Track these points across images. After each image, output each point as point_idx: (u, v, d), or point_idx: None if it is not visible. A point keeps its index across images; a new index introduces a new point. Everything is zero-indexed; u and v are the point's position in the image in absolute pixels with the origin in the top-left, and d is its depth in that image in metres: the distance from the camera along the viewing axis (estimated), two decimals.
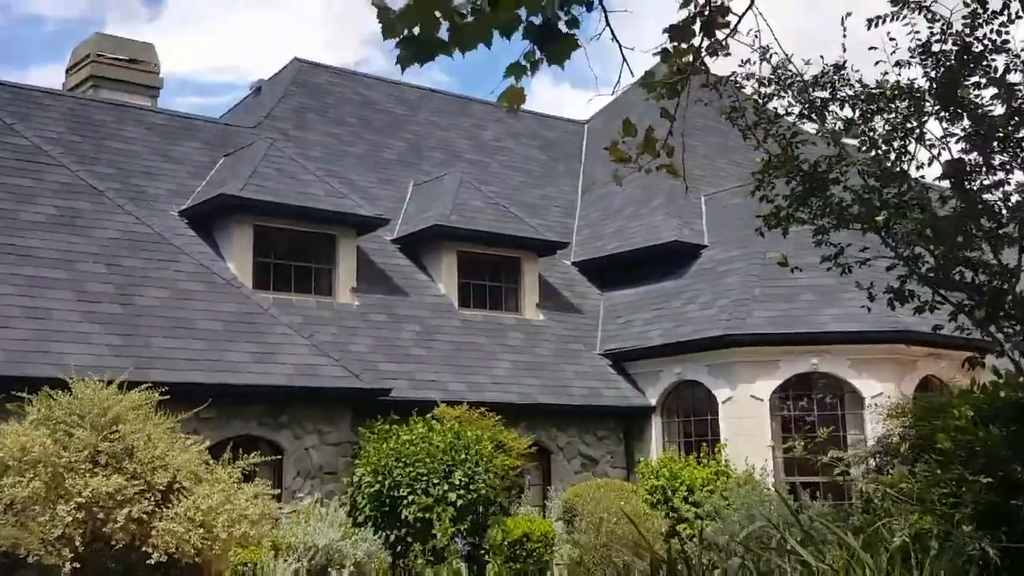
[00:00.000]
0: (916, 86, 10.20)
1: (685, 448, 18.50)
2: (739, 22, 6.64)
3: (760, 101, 10.77)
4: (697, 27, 6.82)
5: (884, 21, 9.72)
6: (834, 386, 18.11)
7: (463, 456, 14.65)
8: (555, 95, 60.27)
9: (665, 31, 6.82)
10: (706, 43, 6.87)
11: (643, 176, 23.55)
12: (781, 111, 10.81)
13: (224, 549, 11.36)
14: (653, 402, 19.43)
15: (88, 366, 12.63)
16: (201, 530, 11.14)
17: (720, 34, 6.70)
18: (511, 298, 20.29)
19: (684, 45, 6.89)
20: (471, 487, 14.52)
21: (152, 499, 11.16)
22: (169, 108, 20.05)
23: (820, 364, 17.97)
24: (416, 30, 5.76)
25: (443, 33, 5.74)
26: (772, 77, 10.60)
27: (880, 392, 17.71)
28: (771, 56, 10.53)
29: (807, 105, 10.55)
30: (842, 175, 10.79)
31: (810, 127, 10.87)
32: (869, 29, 9.73)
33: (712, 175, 23.69)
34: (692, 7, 6.72)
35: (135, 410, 11.71)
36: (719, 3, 6.61)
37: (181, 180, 18.41)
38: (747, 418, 18.11)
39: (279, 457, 14.55)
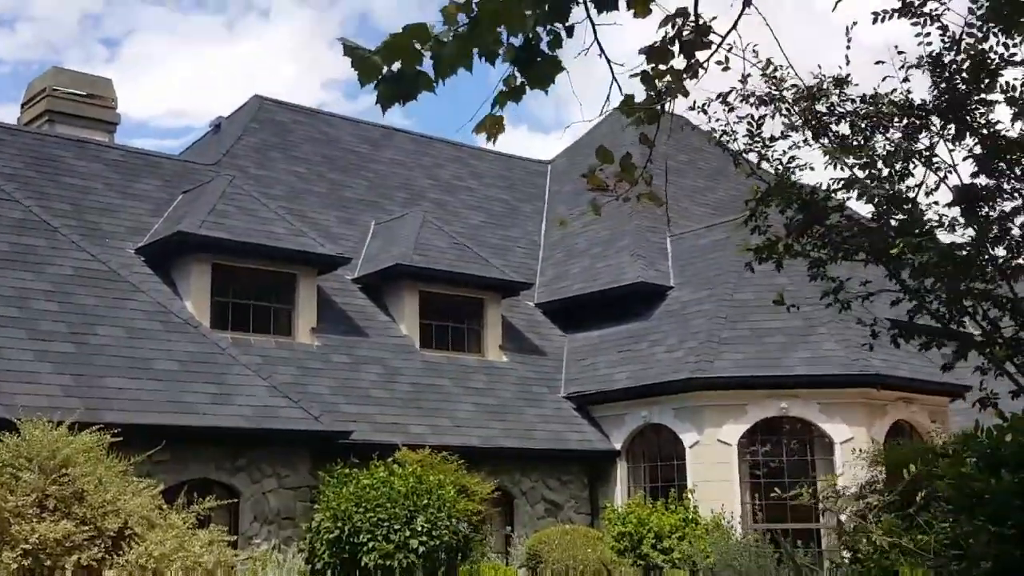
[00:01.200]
0: (921, 101, 9.69)
1: (651, 493, 18.18)
2: (722, 42, 6.43)
3: (755, 122, 10.40)
4: (676, 48, 6.60)
5: (891, 17, 9.23)
6: (803, 431, 17.89)
7: (425, 501, 14.25)
8: (512, 139, 60.34)
9: (642, 52, 6.59)
10: (685, 65, 6.65)
11: (608, 216, 23.45)
12: (777, 133, 10.30)
13: None
14: (618, 446, 19.13)
15: (38, 407, 12.15)
16: None
17: (702, 55, 6.49)
18: (474, 340, 19.97)
19: (663, 67, 6.66)
20: (434, 533, 14.11)
21: (102, 545, 10.67)
22: (127, 144, 19.66)
23: (790, 408, 17.75)
24: (396, 66, 5.49)
25: (425, 66, 5.48)
26: (770, 92, 10.05)
27: (851, 437, 17.53)
28: (769, 68, 10.03)
29: (812, 121, 9.92)
30: (846, 201, 10.25)
31: (806, 150, 10.33)
32: (875, 23, 9.23)
33: (678, 216, 23.50)
34: (670, 27, 6.49)
35: (86, 452, 11.22)
36: (700, 23, 6.40)
37: (138, 217, 18.00)
38: (715, 463, 17.83)
39: (235, 501, 14.09)
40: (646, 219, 22.71)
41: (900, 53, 9.54)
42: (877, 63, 9.62)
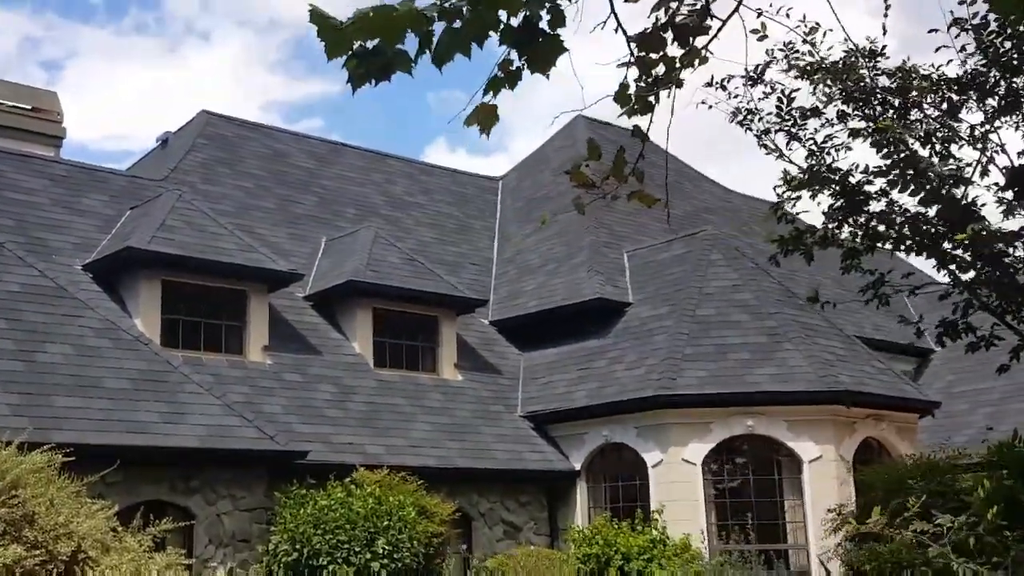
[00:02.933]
0: (964, 73, 8.98)
1: (612, 514, 17.66)
2: (722, 27, 6.17)
3: (785, 98, 9.78)
4: (670, 36, 6.32)
5: None
6: (770, 449, 17.54)
7: (386, 523, 13.85)
8: (453, 162, 60.06)
9: (632, 40, 6.31)
10: (680, 53, 6.37)
11: (563, 232, 23.21)
12: (803, 115, 9.44)
13: None
14: (578, 466, 18.78)
15: None
16: None
17: (701, 40, 6.21)
18: (428, 358, 19.60)
19: (655, 56, 6.39)
20: (395, 556, 13.72)
21: (55, 571, 10.12)
22: (73, 159, 19.08)
23: (756, 426, 17.38)
24: (372, 43, 5.14)
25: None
26: (813, 62, 9.15)
27: (819, 455, 17.24)
28: (813, 35, 9.16)
29: (855, 94, 9.14)
30: (891, 187, 9.43)
31: (844, 127, 9.33)
32: None
33: (635, 232, 23.42)
34: (663, 12, 6.20)
35: (36, 473, 10.68)
36: (698, 6, 6.13)
37: (85, 233, 17.43)
38: (679, 482, 17.37)
39: (191, 523, 13.58)
40: (602, 234, 22.53)
41: (957, 22, 8.68)
42: (931, 31, 8.91)
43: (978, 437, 21.45)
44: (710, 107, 9.28)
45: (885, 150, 9.20)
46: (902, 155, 9.15)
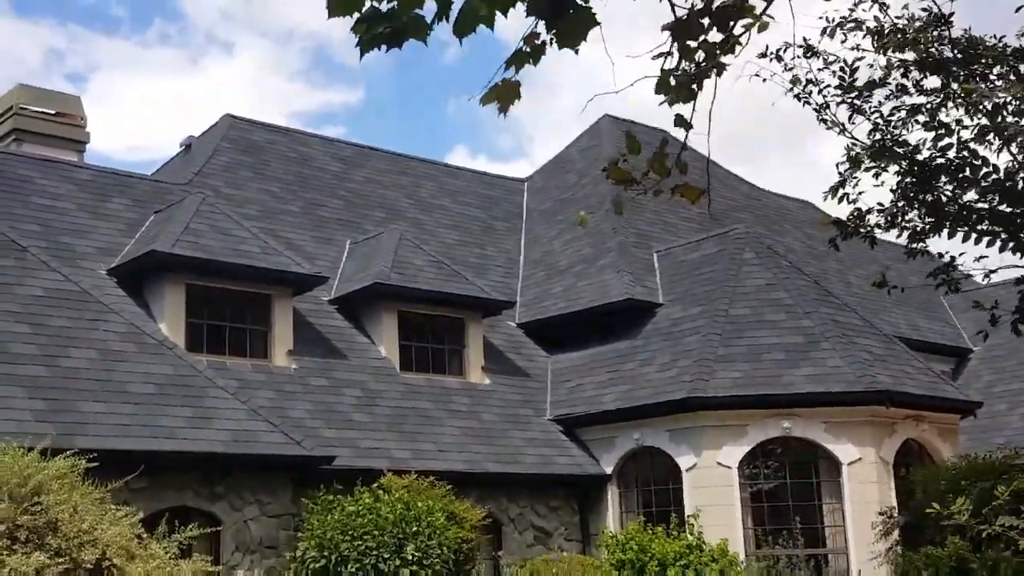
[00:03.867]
0: None
1: (644, 519, 17.17)
2: (764, 11, 5.87)
3: (847, 68, 9.17)
4: (707, 21, 6.03)
5: None
6: (808, 452, 17.07)
7: (415, 528, 13.60)
8: (475, 168, 59.63)
9: (665, 28, 6.03)
10: (719, 38, 6.07)
11: (590, 232, 22.80)
12: (864, 85, 8.76)
13: None
14: (608, 470, 18.42)
15: (8, 432, 11.43)
16: None
17: (741, 24, 5.90)
18: (455, 361, 19.35)
19: (693, 43, 6.10)
20: (424, 562, 13.46)
21: None
22: (96, 164, 18.95)
23: (792, 428, 16.91)
24: (384, 5, 4.83)
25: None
26: (877, 26, 8.50)
27: (858, 458, 16.77)
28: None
29: (929, 60, 8.44)
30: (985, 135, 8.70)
31: (912, 100, 8.62)
32: None
33: (663, 231, 23.11)
34: None
35: (60, 479, 10.49)
36: None
37: (110, 238, 17.29)
38: (714, 487, 16.94)
39: (217, 530, 13.37)
40: (631, 234, 22.23)
41: None
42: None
43: (1017, 438, 21.05)
44: (764, 80, 8.67)
45: (970, 115, 8.58)
46: (986, 117, 8.49)
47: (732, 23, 6.03)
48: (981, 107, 8.69)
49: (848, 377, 17.00)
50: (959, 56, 8.73)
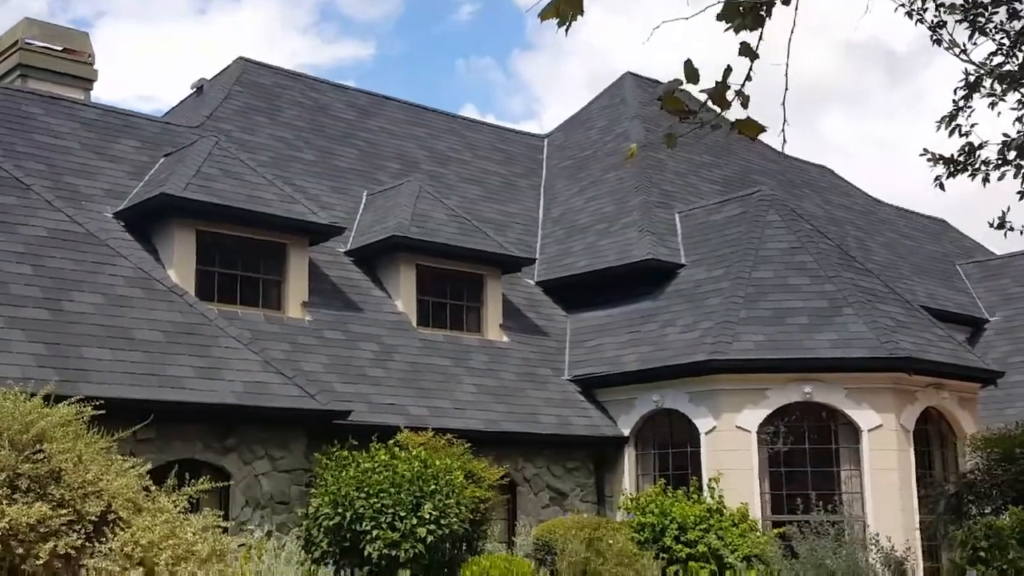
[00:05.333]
0: None
1: (665, 482, 16.88)
2: None
3: None
4: None
5: None
6: (827, 417, 16.82)
7: (433, 487, 13.05)
8: None
9: None
10: None
11: (612, 191, 21.91)
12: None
13: None
14: (626, 432, 17.99)
15: (9, 377, 10.89)
16: (140, 569, 9.37)
17: None
18: (473, 318, 18.77)
19: None
20: (442, 522, 12.92)
21: (82, 531, 9.39)
22: (104, 103, 18.27)
23: (813, 393, 16.62)
24: None
25: None
26: None
27: (879, 424, 16.54)
28: None
29: None
30: None
31: None
32: None
33: (685, 192, 22.46)
34: None
35: (63, 427, 9.93)
36: None
37: (117, 180, 16.64)
38: (732, 451, 16.68)
39: (226, 484, 12.83)
40: (653, 194, 21.58)
41: None
42: None
43: None
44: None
45: None
46: None
47: None
48: None
49: (871, 343, 16.63)
50: None
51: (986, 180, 8.39)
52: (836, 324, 17.07)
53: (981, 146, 8.14)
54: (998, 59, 8.19)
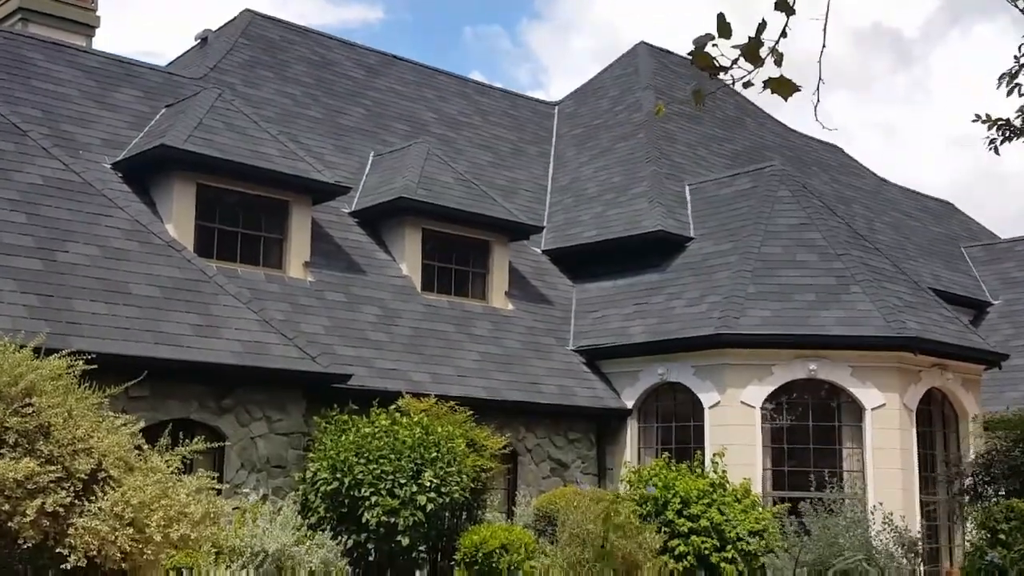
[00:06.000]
0: None
1: (662, 455, 16.65)
2: None
3: None
4: None
5: None
6: (831, 395, 16.65)
7: (434, 454, 12.71)
8: None
9: None
10: None
11: (621, 161, 21.49)
12: None
13: (157, 553, 9.28)
14: (630, 404, 17.71)
15: None
16: (130, 529, 9.06)
17: None
18: (478, 284, 18.38)
19: None
20: (443, 490, 12.59)
21: (71, 489, 9.07)
22: (106, 51, 17.76)
23: (819, 370, 16.43)
24: None
25: None
26: None
27: (883, 403, 16.41)
28: None
29: None
30: None
31: None
32: None
33: (695, 164, 22.04)
34: None
35: (54, 380, 9.59)
36: None
37: (116, 129, 16.19)
38: (735, 426, 16.50)
39: (221, 445, 12.47)
40: (664, 165, 21.16)
41: None
42: None
43: None
44: None
45: None
46: None
47: None
48: None
49: (878, 322, 16.42)
50: None
51: None
52: (844, 302, 16.83)
53: None
54: None
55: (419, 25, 64.35)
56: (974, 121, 7.90)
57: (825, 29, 6.26)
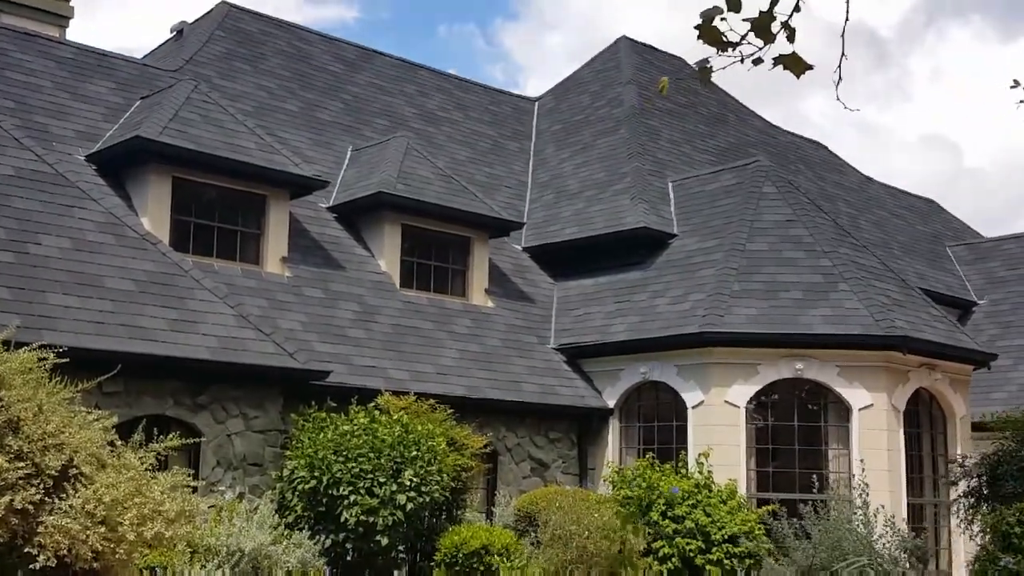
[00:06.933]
0: None
1: (644, 456, 16.42)
2: None
3: None
4: None
5: None
6: (817, 395, 16.41)
7: (414, 453, 12.45)
8: None
9: None
10: None
11: (603, 157, 21.27)
12: None
13: (130, 552, 8.96)
14: (611, 404, 17.48)
15: None
16: (102, 528, 8.72)
17: None
18: (458, 281, 18.13)
19: None
20: (423, 489, 12.34)
21: (41, 486, 8.72)
22: (79, 42, 17.39)
23: (805, 370, 16.19)
24: None
25: None
26: None
27: (870, 404, 16.19)
28: None
29: None
30: None
31: None
32: None
33: (678, 161, 21.85)
34: None
35: (23, 374, 9.24)
36: None
37: (90, 121, 15.86)
38: (719, 426, 16.26)
39: (197, 441, 12.16)
40: (646, 161, 20.97)
41: None
42: None
43: (1020, 395, 20.40)
44: None
45: None
46: None
47: None
48: None
49: (866, 320, 16.22)
50: None
51: None
52: (831, 300, 16.62)
53: None
54: None
55: (395, 24, 64.05)
56: (1012, 86, 7.66)
57: (848, 4, 5.99)
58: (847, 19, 5.61)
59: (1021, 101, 7.85)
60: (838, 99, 5.67)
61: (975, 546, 15.26)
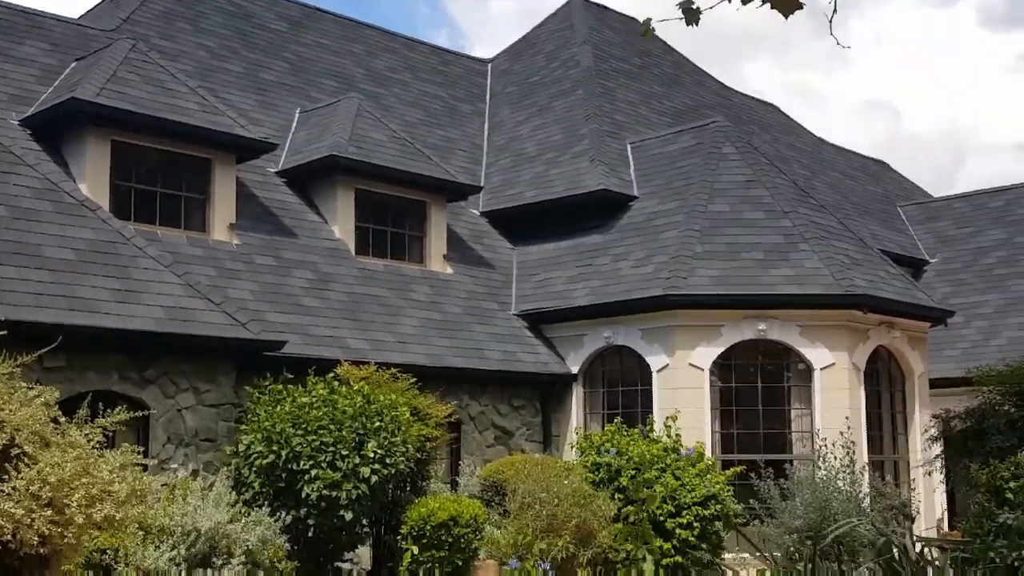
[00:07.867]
0: None
1: (609, 420, 16.04)
2: None
3: None
4: None
5: None
6: (780, 355, 16.20)
7: (377, 424, 11.88)
8: None
9: None
10: None
11: (560, 119, 20.65)
12: None
13: (79, 536, 8.33)
14: (575, 369, 17.08)
15: None
16: (49, 511, 8.08)
17: None
18: (415, 247, 17.54)
19: None
20: (387, 461, 11.77)
21: None
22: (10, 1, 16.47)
23: (768, 331, 15.98)
24: None
25: None
26: None
27: (831, 363, 16.05)
28: None
29: None
30: None
31: None
32: None
33: (636, 123, 21.36)
34: None
35: None
36: None
37: (23, 84, 15.02)
38: (684, 389, 16.01)
39: (146, 415, 11.50)
40: (604, 123, 20.45)
41: None
42: None
43: (972, 351, 20.35)
44: None
45: None
46: None
47: None
48: None
49: (826, 280, 16.05)
50: None
51: None
52: (792, 260, 16.41)
53: None
54: None
55: None
56: None
57: None
58: None
59: None
60: (831, 34, 5.26)
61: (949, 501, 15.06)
